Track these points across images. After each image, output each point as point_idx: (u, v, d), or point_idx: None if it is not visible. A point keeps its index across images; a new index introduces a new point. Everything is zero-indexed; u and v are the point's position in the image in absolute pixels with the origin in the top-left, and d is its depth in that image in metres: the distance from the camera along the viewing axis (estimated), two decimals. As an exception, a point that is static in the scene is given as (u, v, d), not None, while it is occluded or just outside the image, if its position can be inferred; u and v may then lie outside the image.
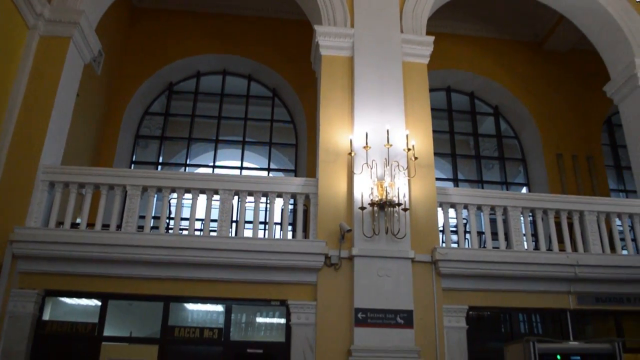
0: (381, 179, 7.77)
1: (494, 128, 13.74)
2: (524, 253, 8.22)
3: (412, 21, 9.33)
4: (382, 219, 7.66)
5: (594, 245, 8.60)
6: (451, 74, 13.29)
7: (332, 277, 7.58)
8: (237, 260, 7.49)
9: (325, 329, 7.32)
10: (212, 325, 7.74)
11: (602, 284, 8.32)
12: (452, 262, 7.77)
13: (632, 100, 9.99)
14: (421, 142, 8.37)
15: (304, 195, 8.16)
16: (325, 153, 8.21)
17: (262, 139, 12.80)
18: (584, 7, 10.46)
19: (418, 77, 8.94)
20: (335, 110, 8.50)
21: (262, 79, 12.85)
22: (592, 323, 8.70)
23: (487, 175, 13.80)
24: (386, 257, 7.55)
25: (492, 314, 8.49)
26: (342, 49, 8.91)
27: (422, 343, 7.34)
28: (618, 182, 13.61)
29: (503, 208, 8.56)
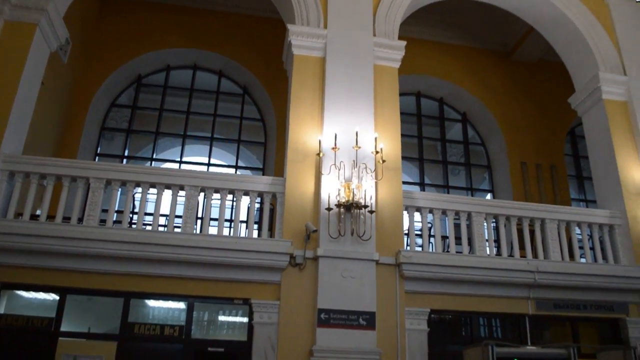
0: (349, 180, 7.80)
1: (462, 134, 13.94)
2: (486, 258, 8.36)
3: (384, 25, 9.39)
4: (348, 220, 7.68)
5: (554, 253, 8.80)
6: (421, 80, 13.43)
7: (296, 277, 7.57)
8: (201, 257, 7.40)
9: (287, 329, 7.30)
10: (173, 323, 7.65)
11: (561, 291, 8.53)
12: (415, 265, 7.85)
13: (595, 113, 10.26)
14: (389, 145, 8.43)
15: (271, 194, 8.13)
16: (293, 153, 8.19)
17: (231, 136, 12.70)
18: (553, 20, 10.71)
19: (389, 80, 9.01)
20: (305, 110, 8.49)
21: (233, 75, 12.75)
22: (550, 328, 8.90)
23: (453, 181, 13.98)
24: (351, 259, 7.57)
25: (453, 317, 8.61)
26: (315, 49, 8.91)
27: (384, 345, 7.39)
28: (579, 191, 13.96)
29: (467, 213, 8.69)
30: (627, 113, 10.05)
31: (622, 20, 10.73)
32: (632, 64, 10.33)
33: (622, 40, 10.53)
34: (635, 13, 10.88)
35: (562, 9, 10.47)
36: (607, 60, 10.30)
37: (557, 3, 10.47)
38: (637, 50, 10.52)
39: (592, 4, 10.73)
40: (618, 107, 10.06)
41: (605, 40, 10.47)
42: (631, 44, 10.55)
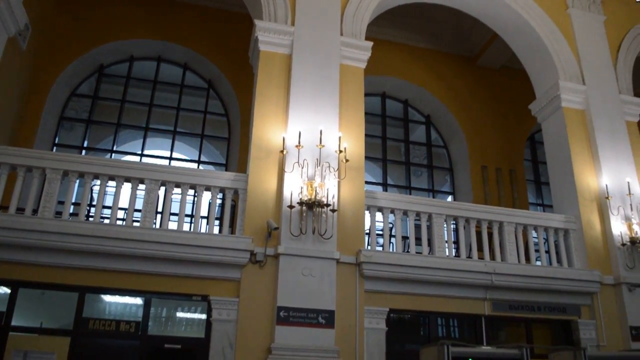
0: (311, 179, 7.79)
1: (425, 136, 14.10)
2: (445, 259, 8.49)
3: (352, 25, 9.42)
4: (309, 218, 7.68)
5: (511, 255, 9.00)
6: (387, 81, 13.53)
7: (256, 274, 7.53)
8: (160, 252, 7.28)
9: (246, 326, 7.26)
10: (130, 319, 7.51)
11: (516, 293, 8.73)
12: (375, 265, 7.91)
13: (554, 120, 10.52)
14: (353, 145, 8.46)
15: (233, 190, 8.07)
16: (257, 149, 8.14)
17: (194, 130, 12.52)
18: (516, 27, 10.94)
19: (354, 80, 9.04)
20: (270, 106, 8.44)
21: (198, 69, 12.57)
22: (505, 329, 9.09)
23: (416, 182, 14.13)
24: (312, 257, 7.58)
25: (412, 317, 8.71)
26: (281, 46, 8.87)
27: (343, 343, 7.42)
28: (537, 196, 14.29)
29: (428, 215, 8.81)
30: (585, 121, 10.33)
31: (582, 30, 11.03)
32: (590, 73, 10.63)
33: (581, 50, 10.82)
34: (594, 24, 11.20)
35: (525, 17, 10.70)
36: (567, 69, 10.57)
37: (521, 11, 10.69)
38: (596, 61, 10.84)
39: (555, 14, 11.00)
40: (576, 115, 10.34)
41: (565, 50, 10.75)
42: (590, 54, 10.86)
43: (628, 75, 11.15)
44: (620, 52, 11.29)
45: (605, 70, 10.85)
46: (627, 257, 9.22)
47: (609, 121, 10.33)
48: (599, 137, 10.08)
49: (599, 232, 9.50)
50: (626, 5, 11.86)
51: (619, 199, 9.54)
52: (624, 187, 9.61)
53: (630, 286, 9.06)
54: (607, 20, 11.38)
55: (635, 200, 9.55)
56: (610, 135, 10.18)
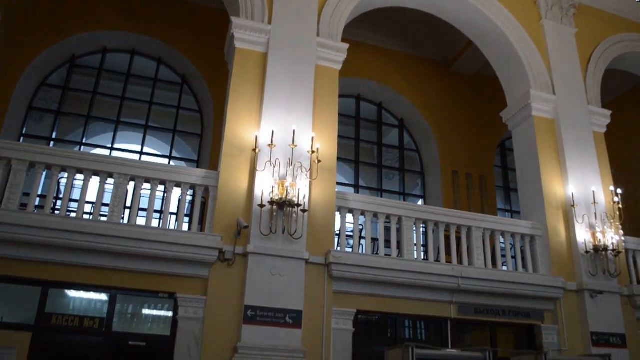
0: (283, 178, 7.78)
1: (398, 140, 14.21)
2: (413, 262, 8.55)
3: (329, 26, 9.43)
4: (280, 218, 7.66)
5: (478, 260, 9.12)
6: (362, 83, 13.60)
7: (224, 273, 7.47)
8: (127, 248, 7.16)
9: (213, 325, 7.20)
10: (94, 315, 7.37)
11: (482, 296, 8.86)
12: (344, 266, 7.92)
13: (524, 128, 10.70)
14: (326, 145, 8.47)
15: (203, 187, 8.00)
16: (229, 147, 8.08)
17: (166, 125, 12.38)
18: (491, 36, 11.10)
19: (329, 81, 9.05)
20: (244, 104, 8.39)
21: (172, 63, 12.43)
22: (471, 332, 9.21)
23: (387, 185, 14.23)
24: (281, 257, 7.56)
25: (379, 318, 8.75)
26: (257, 44, 8.83)
27: (309, 344, 7.42)
28: (505, 202, 14.53)
29: (398, 217, 8.87)
30: (554, 130, 10.53)
31: (554, 42, 11.24)
32: (561, 84, 10.84)
33: (553, 61, 11.03)
34: (566, 36, 11.43)
35: (500, 26, 10.86)
36: (539, 78, 10.76)
37: (496, 20, 10.85)
38: (566, 71, 11.06)
39: (528, 24, 11.20)
40: (546, 124, 10.53)
41: (537, 60, 10.94)
42: (561, 65, 11.07)
43: (597, 87, 11.41)
44: (590, 64, 11.54)
45: (575, 81, 11.08)
46: (590, 265, 9.43)
47: (577, 131, 10.55)
48: (567, 147, 10.29)
49: (564, 239, 9.69)
50: (597, 19, 12.13)
51: (584, 207, 9.75)
52: (589, 196, 9.82)
53: (592, 293, 9.26)
54: (579, 33, 11.62)
55: (600, 209, 9.77)
56: (577, 145, 10.40)
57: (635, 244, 10.39)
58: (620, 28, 12.32)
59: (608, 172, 10.60)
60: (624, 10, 12.43)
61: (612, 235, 9.48)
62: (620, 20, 12.41)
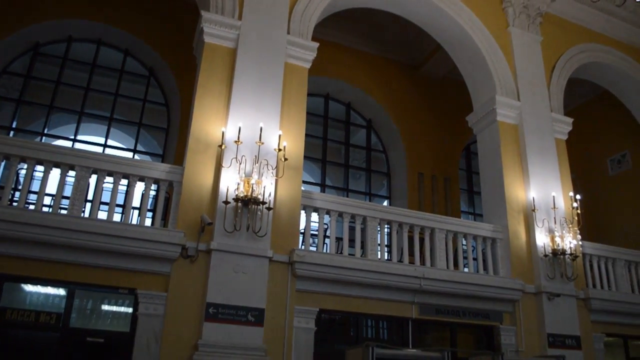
0: (249, 175, 7.72)
1: (365, 140, 14.28)
2: (376, 262, 8.59)
3: (300, 24, 9.41)
4: (245, 215, 7.61)
5: (440, 261, 9.23)
6: (331, 83, 13.62)
7: (187, 269, 7.39)
8: (87, 242, 6.99)
9: (174, 322, 7.10)
10: (51, 310, 7.18)
11: (443, 297, 8.97)
12: (308, 265, 7.92)
13: (488, 133, 10.88)
14: (293, 144, 8.45)
15: (167, 182, 7.89)
16: (195, 142, 7.99)
17: (132, 118, 12.18)
18: (459, 40, 11.25)
19: (298, 80, 9.03)
20: (211, 100, 8.31)
21: (139, 56, 12.24)
22: (432, 332, 9.31)
23: (354, 185, 14.30)
24: (244, 254, 7.51)
25: (342, 317, 8.77)
26: (227, 39, 8.74)
27: (271, 342, 7.40)
28: (469, 205, 14.75)
29: (363, 217, 8.91)
30: (517, 136, 10.73)
31: (521, 49, 11.45)
32: (525, 90, 11.05)
33: (519, 68, 11.23)
34: (532, 44, 11.66)
35: (469, 32, 11.01)
36: (504, 84, 10.95)
37: (465, 26, 11.00)
38: (531, 79, 11.27)
39: (496, 31, 11.38)
40: (510, 129, 10.73)
41: (504, 66, 11.13)
42: (526, 72, 11.29)
43: (560, 95, 11.67)
44: (555, 72, 11.80)
45: (540, 88, 11.31)
46: (548, 268, 9.64)
47: (539, 137, 10.77)
48: (530, 152, 10.49)
49: (524, 243, 9.88)
50: (562, 29, 12.42)
51: (544, 212, 9.96)
52: (549, 201, 10.04)
53: (550, 295, 9.48)
54: (544, 41, 11.86)
55: (559, 214, 10.00)
56: (540, 151, 10.62)
57: (592, 249, 10.68)
58: (584, 38, 12.63)
59: (568, 178, 10.86)
60: (588, 21, 12.75)
61: (570, 240, 9.71)
62: (585, 30, 12.72)
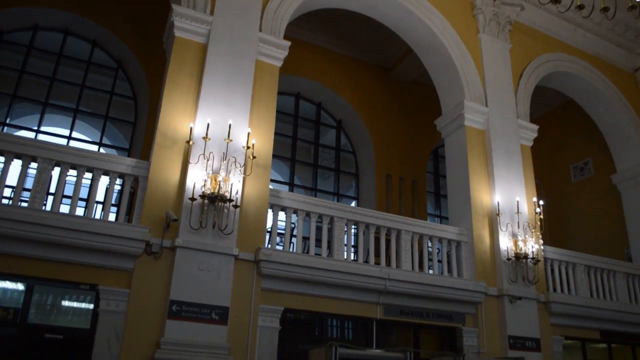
0: (216, 172, 7.65)
1: (335, 140, 14.32)
2: (342, 262, 8.61)
3: (272, 22, 9.37)
4: (211, 212, 7.54)
5: (406, 263, 9.30)
6: (302, 82, 13.61)
7: (150, 266, 7.27)
8: (48, 236, 6.80)
9: (136, 319, 6.98)
10: (9, 305, 6.96)
11: (407, 298, 9.04)
12: (274, 264, 7.89)
13: (456, 137, 11.02)
14: (262, 142, 8.41)
15: (133, 177, 7.75)
16: (162, 137, 7.87)
17: (98, 110, 11.94)
18: (430, 45, 11.36)
19: (269, 78, 8.99)
20: (180, 95, 8.20)
21: (108, 47, 12.00)
22: (396, 333, 9.39)
23: (322, 185, 14.31)
24: (210, 252, 7.44)
25: (307, 317, 8.76)
26: (198, 34, 8.65)
27: (235, 341, 7.35)
28: (436, 207, 14.92)
29: (330, 217, 8.92)
30: (484, 141, 10.89)
31: (490, 56, 11.62)
32: (493, 97, 11.23)
33: (487, 74, 11.40)
34: (501, 51, 11.85)
35: (439, 37, 11.13)
36: (473, 90, 11.10)
37: (436, 31, 11.11)
38: (499, 85, 11.46)
39: (467, 37, 11.53)
40: (477, 134, 10.88)
41: (473, 72, 11.28)
42: (494, 78, 11.47)
43: (527, 102, 11.90)
44: (522, 79, 12.02)
45: (507, 95, 11.50)
46: (510, 271, 9.82)
47: (505, 143, 10.95)
48: (496, 157, 10.66)
49: (488, 246, 10.04)
50: (531, 37, 12.66)
51: (508, 216, 10.14)
52: (513, 205, 10.22)
53: (512, 298, 9.64)
54: (513, 49, 12.07)
55: (523, 219, 10.18)
56: (505, 156, 10.80)
57: (554, 254, 10.92)
58: (552, 47, 12.91)
59: (532, 184, 11.07)
60: (555, 31, 13.03)
61: (533, 244, 9.90)
62: (552, 40, 13.00)
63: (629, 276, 11.85)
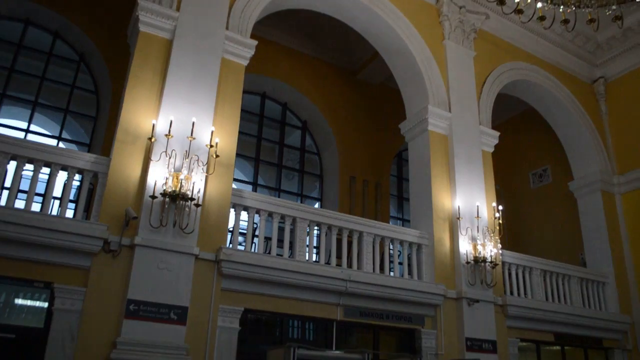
0: (178, 170, 7.55)
1: (300, 141, 14.32)
2: (304, 263, 8.61)
3: (239, 20, 9.31)
4: (172, 211, 7.44)
5: (367, 264, 9.37)
6: (269, 82, 13.57)
7: (108, 264, 7.12)
8: (2, 232, 6.58)
9: (92, 318, 6.83)
10: (-43, 303, 6.76)
11: (368, 300, 9.10)
12: (235, 264, 7.83)
13: (419, 141, 11.15)
14: (226, 141, 8.35)
15: (92, 173, 7.59)
16: (123, 133, 7.73)
17: (58, 104, 11.65)
18: (396, 49, 11.47)
19: (235, 76, 8.92)
20: (143, 90, 8.06)
21: (70, 39, 11.71)
22: (356, 334, 9.42)
23: (287, 185, 14.30)
24: (170, 251, 7.33)
25: (268, 318, 8.72)
26: (163, 30, 8.51)
27: (193, 341, 7.26)
28: (398, 210, 15.07)
29: (293, 218, 8.91)
30: (447, 146, 11.05)
31: (454, 62, 11.80)
32: (456, 102, 11.40)
33: (451, 80, 11.57)
34: (465, 58, 12.04)
35: (405, 41, 11.24)
36: (437, 95, 11.24)
37: (403, 35, 11.22)
38: (462, 92, 11.64)
39: (432, 43, 11.68)
40: (440, 139, 11.03)
41: (437, 78, 11.43)
42: (458, 85, 11.64)
43: (489, 109, 12.12)
44: (485, 86, 12.24)
45: (470, 101, 11.69)
46: (469, 274, 9.98)
47: (467, 148, 11.13)
48: (457, 162, 10.83)
49: (448, 249, 10.18)
50: (494, 45, 12.91)
51: (468, 220, 10.31)
52: (473, 210, 10.40)
53: (470, 301, 9.81)
54: (477, 56, 12.27)
55: (482, 223, 10.37)
56: (467, 162, 10.97)
57: (511, 258, 11.16)
58: (515, 56, 13.19)
59: (492, 189, 11.28)
60: (518, 40, 13.32)
61: (491, 248, 10.08)
62: (515, 49, 13.28)
63: (582, 281, 12.20)
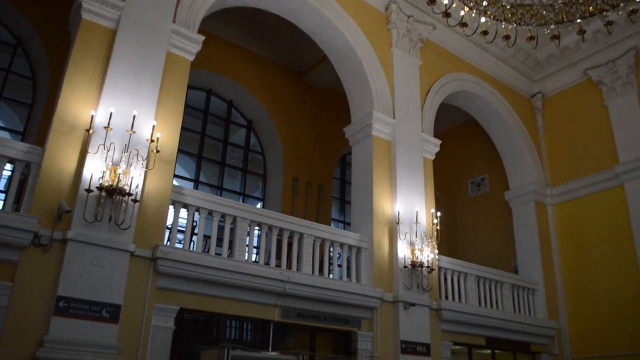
0: (116, 164, 7.33)
1: (244, 140, 14.22)
2: (242, 263, 8.53)
3: (187, 14, 9.14)
4: (108, 206, 7.21)
5: (306, 266, 9.39)
6: (215, 78, 13.41)
7: (38, 259, 6.82)
8: None
9: (18, 315, 6.52)
10: None
11: (306, 302, 9.11)
12: (172, 262, 7.67)
13: (363, 146, 11.28)
14: (167, 136, 8.17)
15: (24, 163, 7.25)
16: (60, 123, 7.43)
17: (-10, 90, 11.11)
18: (344, 54, 11.57)
19: (180, 71, 8.75)
20: (83, 80, 7.78)
21: (7, 22, 11.16)
22: (293, 336, 9.43)
23: (229, 184, 14.16)
24: (104, 247, 7.10)
25: (205, 317, 8.59)
26: (107, 18, 8.24)
27: (126, 340, 7.06)
28: (340, 213, 15.19)
29: (233, 217, 8.82)
30: (389, 151, 11.22)
31: (400, 70, 12.00)
32: (401, 110, 11.59)
33: (397, 87, 11.76)
34: (411, 67, 12.26)
35: (353, 46, 11.35)
36: (382, 101, 11.41)
37: (350, 40, 11.32)
38: (407, 99, 11.85)
39: (380, 49, 11.84)
40: (383, 145, 11.19)
41: (383, 84, 11.60)
42: (403, 92, 11.85)
43: (432, 117, 12.39)
44: (429, 95, 12.51)
45: (414, 109, 11.91)
46: (406, 278, 10.17)
47: (409, 155, 11.33)
48: (399, 168, 11.01)
49: (387, 253, 10.34)
50: (440, 56, 13.22)
51: (407, 225, 10.49)
52: (412, 215, 10.60)
53: (406, 304, 9.99)
54: (422, 65, 12.53)
55: (421, 229, 10.58)
56: (408, 168, 11.18)
57: (447, 263, 11.44)
58: (459, 67, 13.55)
59: (432, 196, 11.53)
60: (463, 52, 13.69)
61: (429, 254, 10.31)
62: (460, 60, 13.65)
63: (514, 287, 12.66)
